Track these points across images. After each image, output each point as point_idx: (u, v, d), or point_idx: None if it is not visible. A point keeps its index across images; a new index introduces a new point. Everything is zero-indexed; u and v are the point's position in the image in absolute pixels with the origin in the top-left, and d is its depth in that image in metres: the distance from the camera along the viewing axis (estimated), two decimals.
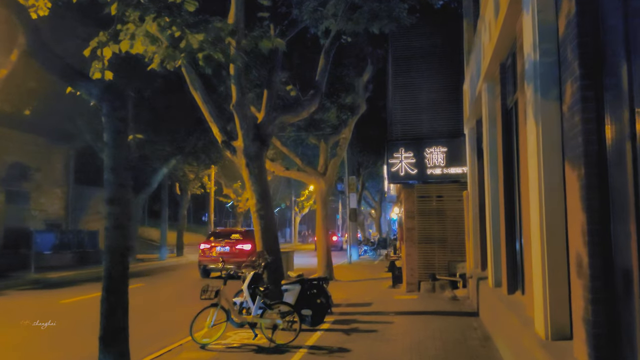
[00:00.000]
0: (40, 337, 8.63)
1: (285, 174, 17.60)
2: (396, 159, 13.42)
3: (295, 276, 9.42)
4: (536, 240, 4.71)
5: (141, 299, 13.42)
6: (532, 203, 4.84)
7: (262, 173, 10.57)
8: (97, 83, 5.38)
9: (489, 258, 8.72)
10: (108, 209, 5.05)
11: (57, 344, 8.29)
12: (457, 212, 13.24)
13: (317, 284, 9.25)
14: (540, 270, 4.60)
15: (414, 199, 13.62)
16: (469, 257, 12.10)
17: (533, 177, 4.73)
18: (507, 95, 7.55)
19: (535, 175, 4.64)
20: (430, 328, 8.60)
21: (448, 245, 13.34)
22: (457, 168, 13.11)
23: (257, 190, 10.46)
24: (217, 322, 7.72)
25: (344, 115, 16.32)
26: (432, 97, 13.74)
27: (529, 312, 5.56)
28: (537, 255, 4.68)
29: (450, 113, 13.59)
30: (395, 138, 13.83)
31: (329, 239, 16.71)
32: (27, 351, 7.79)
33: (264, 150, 10.63)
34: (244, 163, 10.47)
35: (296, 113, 11.03)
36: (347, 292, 13.76)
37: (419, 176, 13.31)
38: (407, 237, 13.64)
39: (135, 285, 16.53)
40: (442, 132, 13.52)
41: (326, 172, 16.58)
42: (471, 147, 11.91)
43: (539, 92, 4.53)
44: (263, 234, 10.38)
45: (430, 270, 13.37)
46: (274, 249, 10.34)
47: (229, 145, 10.68)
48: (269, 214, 10.52)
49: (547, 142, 4.46)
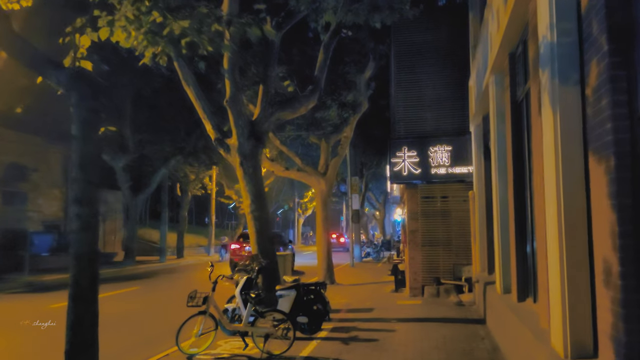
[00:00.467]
0: (21, 343, 8.15)
1: (285, 174, 17.07)
2: (399, 158, 12.88)
3: (291, 281, 8.90)
4: (553, 242, 4.18)
5: (133, 303, 12.95)
6: (548, 201, 4.30)
7: (257, 172, 10.07)
8: (66, 70, 4.89)
9: (497, 262, 8.17)
10: (75, 209, 4.55)
11: (29, 354, 7.80)
12: (462, 213, 12.68)
13: (314, 289, 8.72)
14: (558, 278, 4.06)
15: (418, 199, 13.07)
16: (475, 261, 11.55)
17: (549, 172, 4.20)
18: (517, 87, 7.01)
19: (552, 170, 4.11)
20: (434, 337, 8.06)
21: (453, 248, 12.78)
22: (463, 167, 12.56)
23: (252, 191, 9.96)
24: (205, 330, 7.20)
25: (345, 114, 15.79)
26: (437, 94, 13.19)
27: (543, 324, 5.01)
28: (554, 260, 4.14)
29: (455, 110, 13.04)
30: (398, 136, 13.29)
31: (329, 241, 16.17)
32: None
33: (259, 148, 10.13)
34: (238, 162, 9.98)
35: (293, 109, 10.50)
36: (348, 296, 13.22)
37: (423, 176, 12.76)
38: (411, 239, 13.10)
39: (131, 288, 16.08)
40: (446, 130, 12.97)
41: (327, 172, 16.04)
42: (477, 145, 11.36)
43: (556, 77, 4.00)
44: (258, 236, 9.87)
45: (434, 274, 12.82)
46: (269, 252, 9.83)
47: (222, 143, 10.18)
48: (264, 216, 10.01)
49: (566, 132, 3.92)
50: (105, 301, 13.72)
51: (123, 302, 13.25)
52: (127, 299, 13.92)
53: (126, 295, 14.55)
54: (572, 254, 3.93)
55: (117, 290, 15.46)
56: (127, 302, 13.18)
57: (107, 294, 14.44)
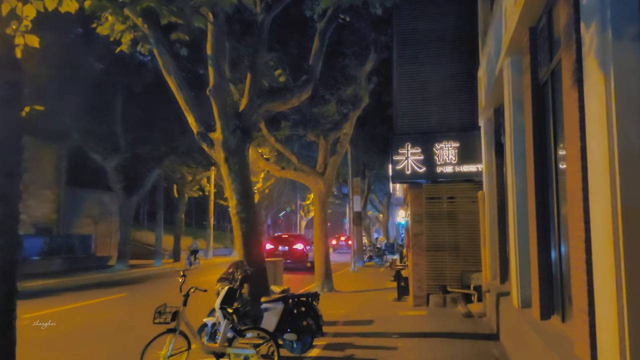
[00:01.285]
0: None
1: (281, 174, 16.08)
2: (402, 155, 11.87)
3: (280, 291, 7.90)
4: (603, 248, 3.16)
5: (111, 313, 11.96)
6: (595, 193, 3.28)
7: (244, 169, 9.09)
8: None
9: (513, 270, 7.14)
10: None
11: None
12: (471, 215, 11.65)
13: (306, 301, 7.72)
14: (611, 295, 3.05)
15: (422, 200, 12.05)
16: (485, 267, 10.51)
17: (596, 156, 3.19)
18: (539, 67, 6.00)
19: (600, 152, 3.10)
20: (441, 356, 7.04)
21: (461, 253, 11.74)
22: (471, 165, 11.54)
23: (238, 190, 8.98)
24: (175, 351, 6.19)
25: (345, 109, 14.79)
26: (443, 86, 12.16)
27: (581, 352, 3.99)
28: (606, 271, 3.13)
29: (462, 104, 12.01)
30: (401, 132, 12.27)
31: (327, 245, 15.14)
32: None
33: (246, 143, 9.15)
34: (223, 157, 9.00)
35: (284, 100, 9.50)
36: (347, 305, 12.20)
37: (428, 175, 11.74)
38: (414, 243, 12.07)
39: (116, 295, 15.10)
40: (453, 125, 11.94)
41: (325, 172, 15.03)
42: (488, 140, 10.34)
43: (609, 31, 2.99)
44: (244, 240, 8.89)
45: (440, 282, 11.78)
46: (256, 258, 8.84)
47: (205, 137, 9.21)
48: (251, 217, 9.03)
49: (624, 101, 2.91)
50: (83, 310, 12.86)
51: (102, 310, 12.27)
52: (107, 307, 12.94)
53: (108, 304, 13.57)
54: (633, 263, 2.91)
55: (101, 298, 14.50)
56: (106, 311, 12.20)
57: (89, 302, 13.48)
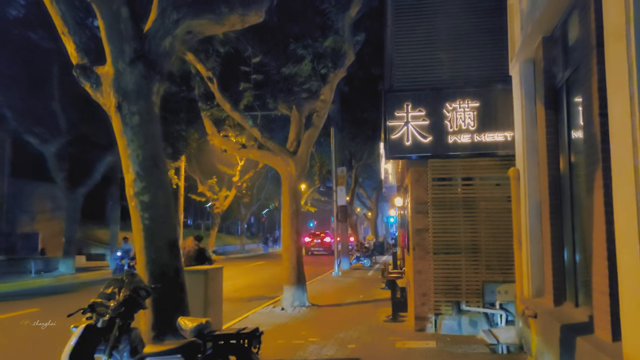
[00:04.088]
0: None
1: (241, 153, 12.64)
2: (399, 120, 8.48)
3: (193, 327, 4.49)
4: None
5: (5, 337, 8.47)
6: None
7: (149, 125, 5.63)
8: None
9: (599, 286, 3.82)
10: None
11: None
12: (496, 202, 8.31)
13: (236, 346, 4.32)
14: None
15: (427, 183, 8.66)
16: (520, 277, 7.16)
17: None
18: None
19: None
20: None
21: (482, 257, 8.35)
22: (497, 133, 8.19)
23: (138, 157, 5.51)
24: None
25: (324, 68, 11.35)
26: (455, 25, 8.74)
27: None
28: None
29: (484, 49, 8.61)
30: (398, 88, 8.88)
31: (299, 245, 11.66)
32: None
33: (152, 83, 5.66)
34: (114, 103, 5.53)
35: (217, 16, 5.96)
36: (321, 329, 8.80)
37: (435, 146, 8.34)
38: (417, 242, 8.69)
39: (25, 311, 11.52)
40: (471, 78, 8.55)
41: (298, 150, 11.56)
42: (526, 93, 7.01)
43: None
44: (146, 237, 5.43)
45: (453, 296, 8.40)
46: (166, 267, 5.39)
47: (88, 71, 5.70)
48: (160, 202, 5.56)
49: None
50: None
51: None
52: (8, 326, 9.54)
53: (12, 321, 10.17)
54: None
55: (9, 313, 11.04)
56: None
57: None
